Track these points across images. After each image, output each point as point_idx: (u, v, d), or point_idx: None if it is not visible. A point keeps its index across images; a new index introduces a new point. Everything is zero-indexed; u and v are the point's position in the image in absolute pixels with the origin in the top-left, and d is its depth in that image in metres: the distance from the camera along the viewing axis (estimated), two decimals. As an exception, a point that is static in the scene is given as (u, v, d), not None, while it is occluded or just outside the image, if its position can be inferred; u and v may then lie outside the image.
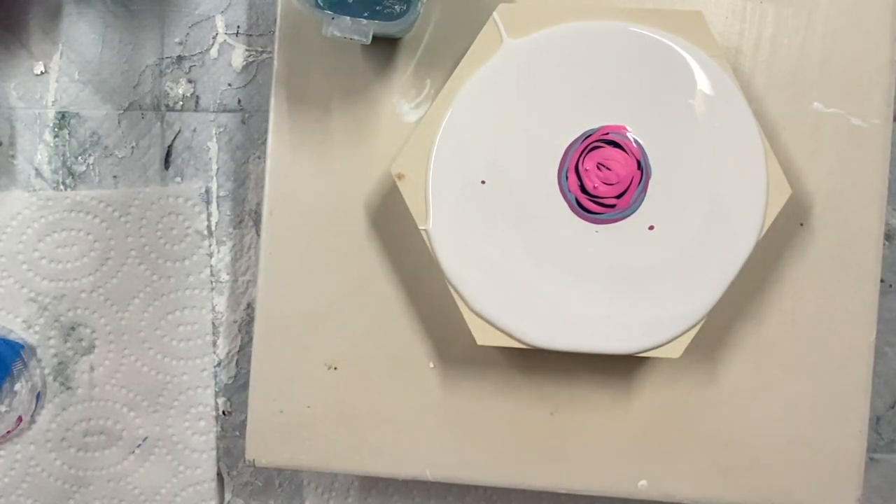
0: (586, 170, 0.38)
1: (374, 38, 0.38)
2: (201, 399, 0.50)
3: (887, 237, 0.48)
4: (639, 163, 0.38)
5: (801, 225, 0.42)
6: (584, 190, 0.39)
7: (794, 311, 0.42)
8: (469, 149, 0.39)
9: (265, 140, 0.46)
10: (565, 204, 0.39)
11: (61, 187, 0.50)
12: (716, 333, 0.42)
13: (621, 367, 0.42)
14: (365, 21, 0.37)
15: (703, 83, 0.38)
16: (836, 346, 0.41)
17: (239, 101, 0.50)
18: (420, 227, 0.39)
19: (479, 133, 0.39)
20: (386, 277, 0.43)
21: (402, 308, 0.43)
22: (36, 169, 0.50)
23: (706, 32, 0.39)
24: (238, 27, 0.50)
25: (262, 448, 0.43)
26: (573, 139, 0.39)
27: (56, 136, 0.50)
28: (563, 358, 0.42)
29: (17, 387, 0.50)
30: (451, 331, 0.42)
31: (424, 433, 0.43)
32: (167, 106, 0.50)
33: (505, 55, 0.39)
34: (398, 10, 0.38)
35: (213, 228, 0.50)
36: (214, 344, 0.50)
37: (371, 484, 0.50)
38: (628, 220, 0.38)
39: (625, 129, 0.38)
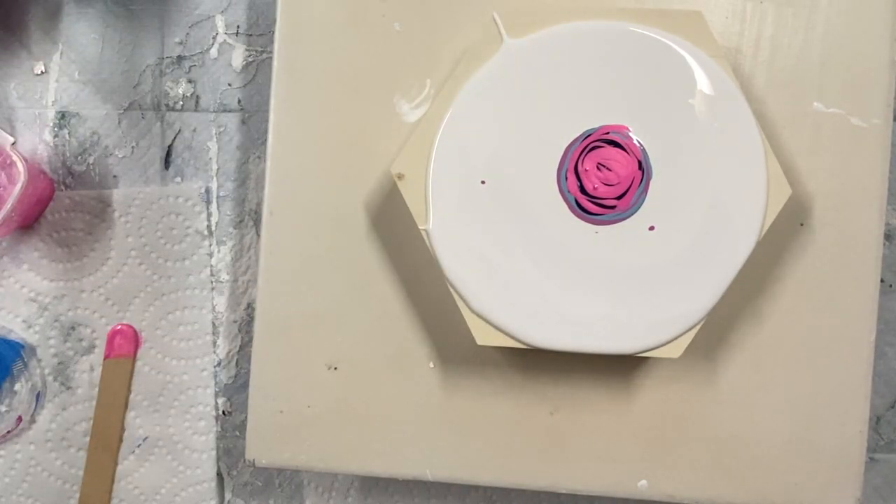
0: (586, 170, 0.38)
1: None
2: (201, 399, 0.50)
3: (887, 237, 0.48)
4: (640, 163, 0.38)
5: (801, 225, 0.42)
6: (583, 191, 0.39)
7: (794, 311, 0.42)
8: (469, 149, 0.39)
9: (265, 140, 0.46)
10: (565, 205, 0.39)
11: (61, 187, 0.50)
12: (716, 333, 0.42)
13: (621, 367, 0.42)
14: None
15: (703, 83, 0.38)
16: (836, 346, 0.41)
17: (239, 101, 0.50)
18: (420, 227, 0.39)
19: (479, 133, 0.39)
20: (386, 277, 0.43)
21: (402, 308, 0.43)
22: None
23: (706, 32, 0.38)
24: (238, 27, 0.50)
25: (262, 448, 0.43)
26: (573, 139, 0.39)
27: (56, 136, 0.50)
28: (563, 358, 0.42)
29: (17, 387, 0.50)
30: (451, 331, 0.42)
31: (424, 433, 0.43)
32: (167, 106, 0.50)
33: (505, 55, 0.39)
34: None
35: (213, 228, 0.50)
36: (214, 344, 0.50)
37: (371, 484, 0.50)
38: (629, 220, 0.38)
39: (626, 128, 0.38)
